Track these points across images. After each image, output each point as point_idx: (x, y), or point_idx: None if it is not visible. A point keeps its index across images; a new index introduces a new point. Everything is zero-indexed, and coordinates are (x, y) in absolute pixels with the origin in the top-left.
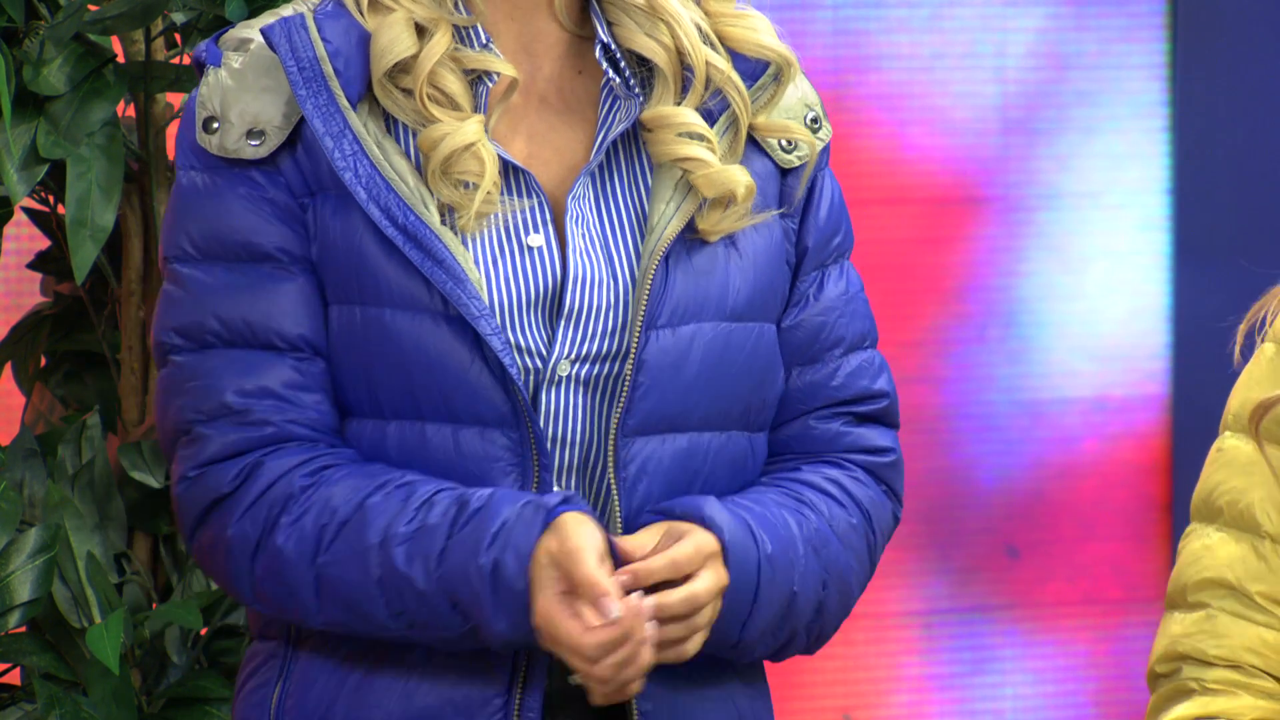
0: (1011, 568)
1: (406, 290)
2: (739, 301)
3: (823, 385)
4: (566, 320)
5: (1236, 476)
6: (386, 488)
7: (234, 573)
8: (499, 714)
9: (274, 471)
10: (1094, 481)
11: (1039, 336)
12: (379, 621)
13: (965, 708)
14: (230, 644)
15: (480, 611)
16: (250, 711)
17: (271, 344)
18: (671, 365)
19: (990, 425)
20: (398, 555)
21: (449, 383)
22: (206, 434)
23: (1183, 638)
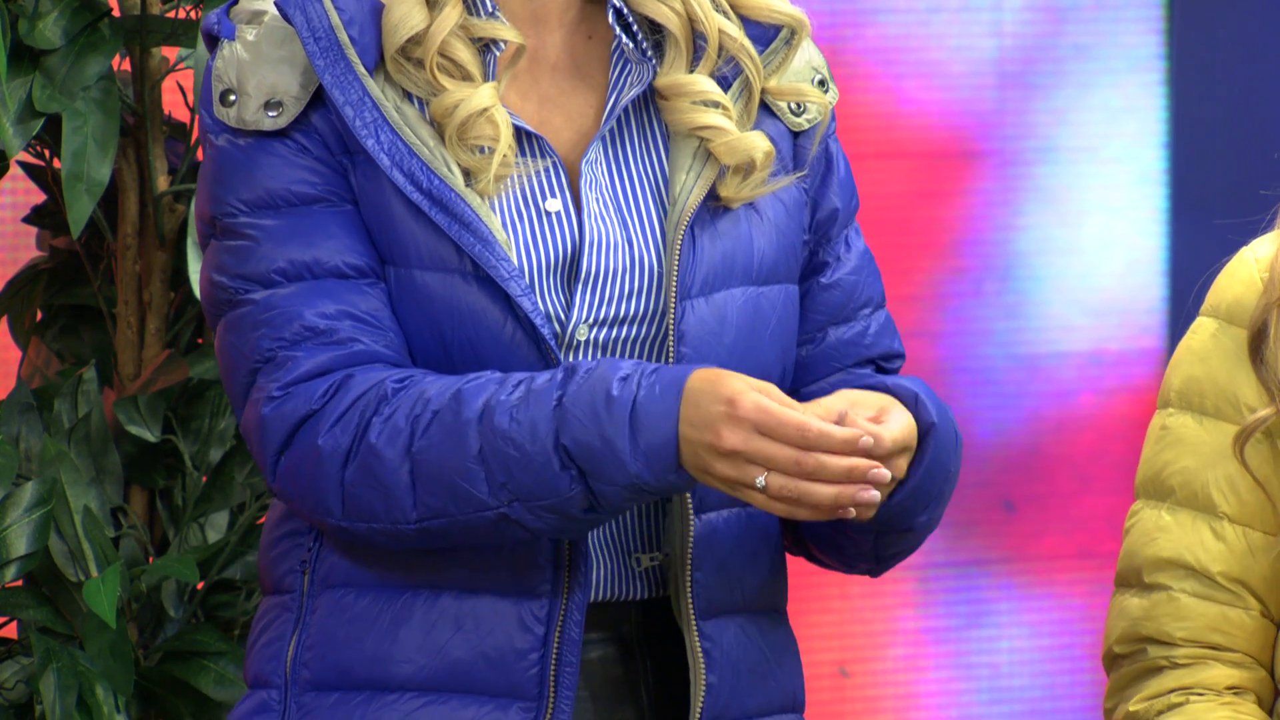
0: (1007, 521)
1: (436, 253)
2: (765, 265)
3: (856, 343)
4: (584, 284)
5: (1186, 456)
6: (480, 378)
7: (324, 487)
8: (534, 669)
9: (365, 382)
10: (1090, 435)
11: (1035, 290)
12: (479, 500)
13: (961, 661)
14: (227, 598)
15: (606, 459)
16: (264, 666)
17: (341, 273)
18: (711, 334)
19: (986, 379)
20: (500, 420)
21: (483, 343)
22: (293, 355)
23: (1144, 620)
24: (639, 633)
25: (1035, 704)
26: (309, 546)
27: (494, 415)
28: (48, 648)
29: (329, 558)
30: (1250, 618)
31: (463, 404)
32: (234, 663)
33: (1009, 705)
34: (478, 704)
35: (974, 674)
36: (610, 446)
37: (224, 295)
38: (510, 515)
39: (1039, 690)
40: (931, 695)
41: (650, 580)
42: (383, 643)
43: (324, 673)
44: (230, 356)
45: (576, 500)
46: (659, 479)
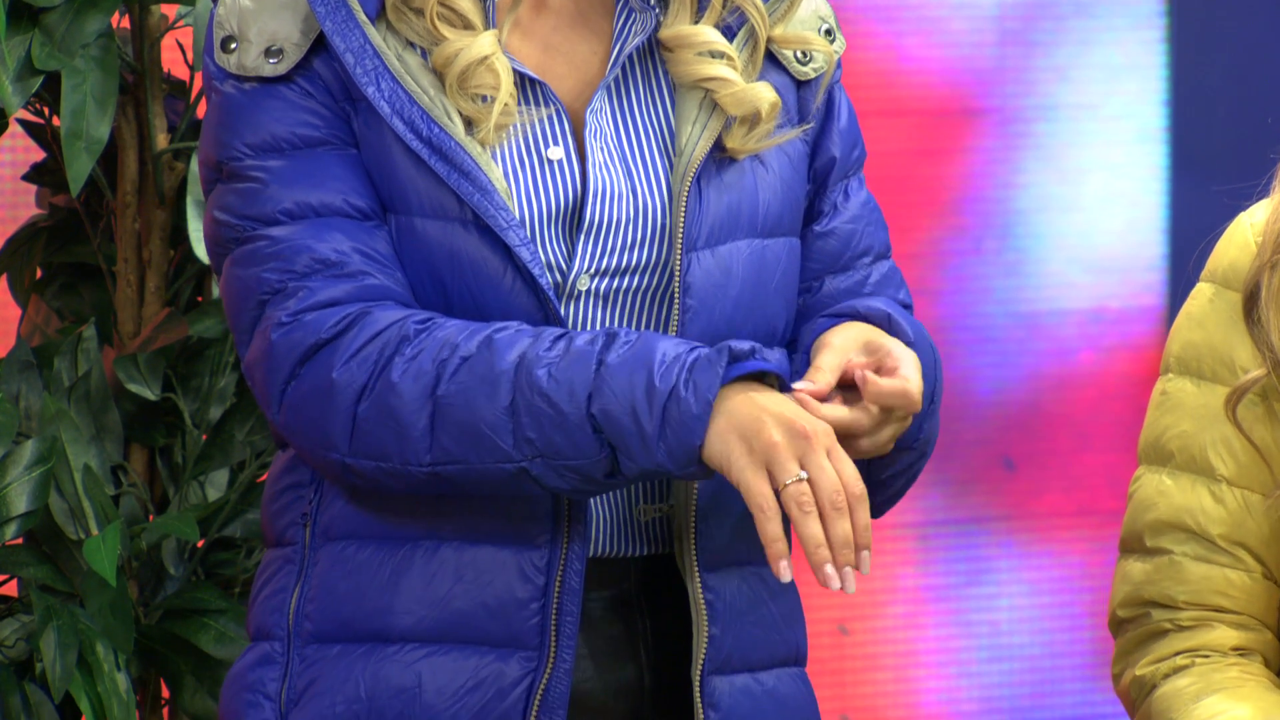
0: (1007, 479)
1: (436, 201)
2: (769, 217)
3: (854, 293)
4: (586, 234)
5: (1185, 420)
6: (508, 329)
7: (332, 420)
8: (534, 619)
9: (385, 319)
10: (1090, 393)
11: (1035, 248)
12: (502, 452)
13: (960, 619)
14: (227, 556)
15: (633, 440)
16: (267, 617)
17: (347, 213)
18: (716, 285)
19: (986, 337)
20: (539, 376)
21: (483, 292)
22: (305, 285)
23: (1146, 584)
24: (639, 590)
25: (1034, 661)
26: (310, 499)
27: (532, 369)
28: (48, 606)
29: (330, 510)
30: (1252, 579)
31: (496, 354)
32: (234, 620)
33: (1008, 663)
34: (479, 654)
35: (973, 632)
36: (639, 428)
37: (231, 233)
38: (530, 471)
39: (1038, 648)
40: (931, 653)
41: (651, 535)
42: (384, 594)
43: (326, 625)
44: (237, 291)
45: (601, 465)
46: (682, 470)
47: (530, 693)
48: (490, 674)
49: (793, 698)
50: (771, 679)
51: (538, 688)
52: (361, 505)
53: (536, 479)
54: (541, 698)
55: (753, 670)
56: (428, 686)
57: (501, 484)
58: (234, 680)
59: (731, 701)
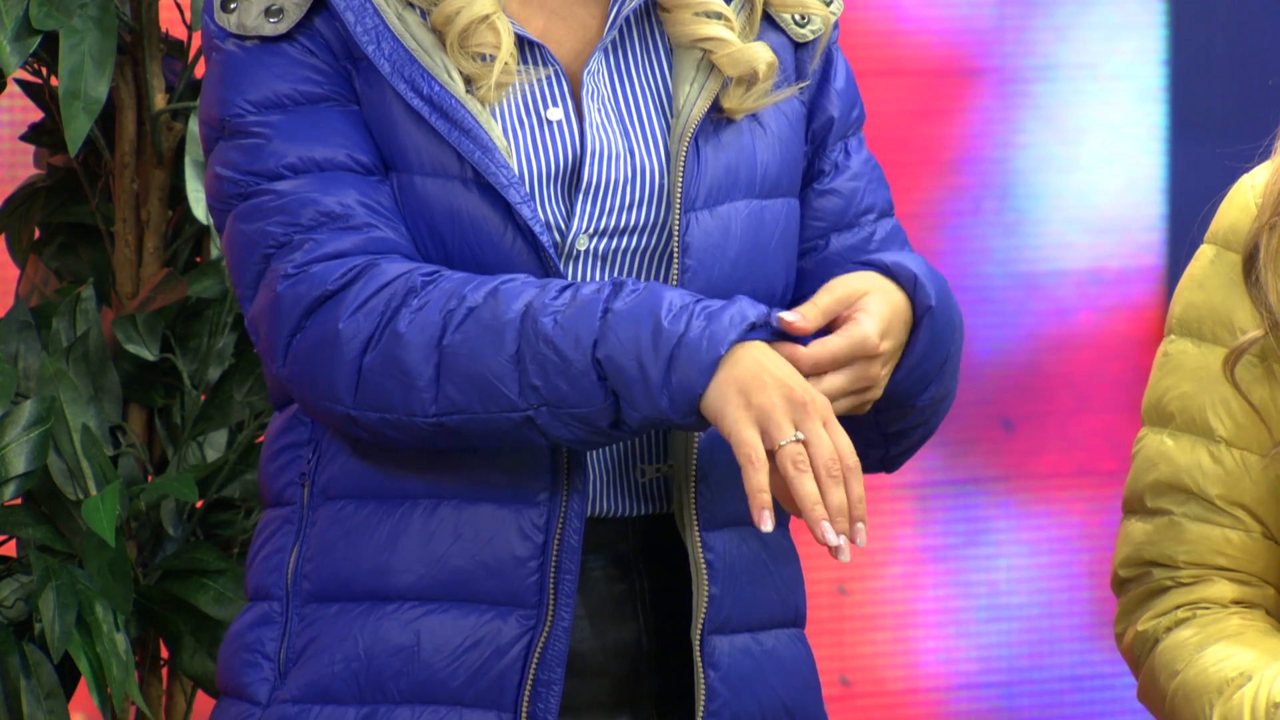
0: (1006, 440)
1: (436, 159)
2: (768, 177)
3: (860, 250)
4: (585, 194)
5: (1186, 381)
6: (515, 280)
7: (338, 372)
8: (533, 577)
9: (392, 271)
10: (1089, 354)
11: (1034, 209)
12: (508, 401)
13: (959, 579)
14: (226, 516)
15: (636, 385)
16: (265, 577)
17: (350, 167)
18: (715, 246)
19: (985, 298)
20: (545, 323)
21: (484, 250)
22: (311, 238)
23: (1147, 544)
24: (638, 550)
25: (1033, 622)
26: (308, 458)
27: (537, 317)
28: (47, 566)
29: (328, 469)
30: (1251, 539)
31: (501, 304)
32: (233, 581)
33: (1007, 623)
34: (478, 613)
35: (972, 592)
36: (644, 375)
37: (234, 189)
38: (536, 420)
39: (1037, 608)
40: (930, 614)
41: (651, 495)
42: (382, 553)
43: (324, 584)
44: (240, 245)
45: (606, 413)
46: (684, 419)
47: (529, 651)
48: (488, 632)
49: (792, 659)
50: (771, 639)
51: (536, 646)
52: (360, 464)
53: (542, 429)
54: (540, 656)
55: (752, 630)
56: (426, 645)
57: (507, 434)
58: (232, 640)
59: (731, 661)
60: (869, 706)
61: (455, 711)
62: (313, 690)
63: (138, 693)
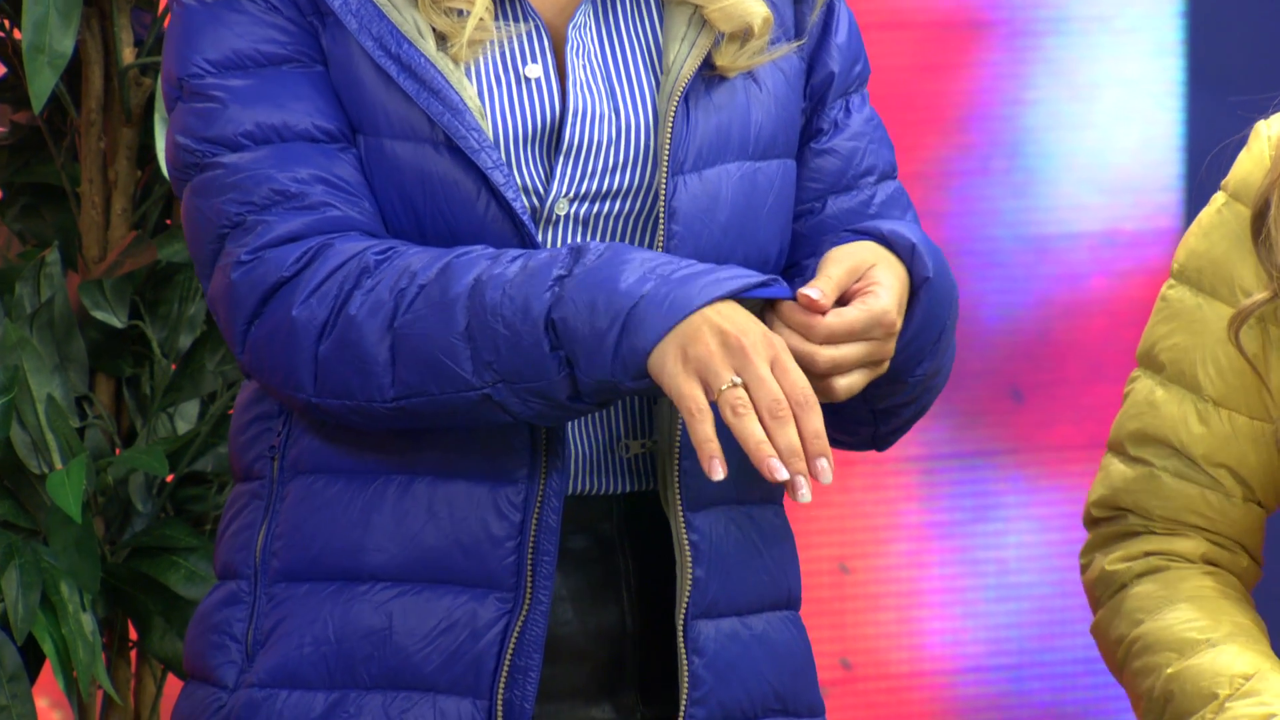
0: (1015, 410)
1: (406, 121)
2: (762, 138)
3: (859, 214)
4: (566, 156)
5: (1180, 332)
6: (471, 253)
7: (296, 360)
8: (510, 557)
9: (345, 252)
10: (1102, 320)
11: (1045, 168)
12: (463, 380)
13: (966, 556)
14: (197, 491)
15: (591, 345)
16: (233, 555)
17: (312, 137)
18: (704, 211)
19: (994, 262)
20: (492, 295)
21: (457, 217)
22: (264, 220)
23: (1124, 491)
24: (621, 529)
25: (1044, 601)
26: (278, 431)
27: (485, 289)
28: (10, 543)
29: (299, 442)
30: (1230, 503)
31: (451, 278)
32: (205, 559)
33: (1016, 603)
34: (453, 594)
35: (980, 570)
36: (598, 338)
37: (190, 159)
38: (494, 397)
39: (1048, 587)
40: (935, 592)
41: (634, 472)
42: (354, 531)
43: (294, 562)
44: (196, 222)
45: (563, 385)
46: (638, 382)
47: (505, 635)
48: (464, 615)
49: (784, 642)
50: (761, 623)
51: (513, 630)
52: (332, 438)
53: (501, 405)
54: (517, 640)
55: (740, 614)
56: (398, 627)
57: (468, 414)
58: (200, 620)
59: (717, 646)
60: (871, 690)
61: (428, 698)
62: (280, 674)
63: (105, 676)
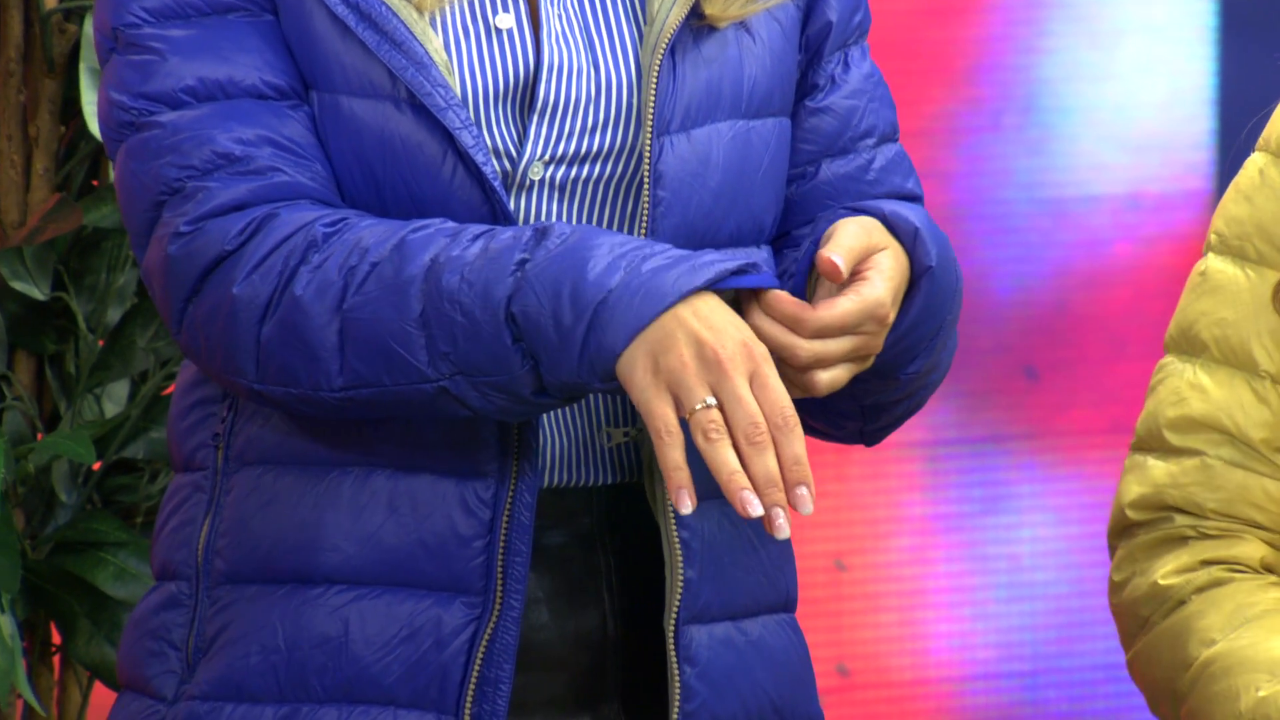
0: (1030, 391)
1: (365, 76)
2: (756, 95)
3: (856, 179)
4: (540, 115)
5: (1224, 307)
6: (429, 228)
7: (238, 343)
8: (479, 558)
9: (292, 223)
10: (1125, 291)
11: (1063, 124)
12: (417, 371)
13: (975, 552)
14: (127, 480)
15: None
16: (172, 553)
17: (260, 93)
18: (692, 175)
19: (1006, 227)
20: (449, 280)
21: (420, 182)
22: (205, 186)
23: (1170, 487)
24: (602, 525)
25: (1061, 601)
26: (223, 417)
27: (442, 272)
28: None
29: (245, 430)
30: None
31: (406, 257)
32: (135, 555)
33: (1031, 602)
34: (415, 598)
35: (990, 567)
36: (562, 336)
37: (125, 117)
38: (451, 390)
39: (1065, 585)
40: (941, 591)
41: (616, 463)
42: (306, 528)
43: (240, 562)
44: (131, 187)
45: (526, 380)
46: (607, 384)
47: (474, 643)
48: (427, 621)
49: (781, 649)
50: (757, 628)
51: (482, 637)
52: (282, 425)
53: (459, 399)
54: (486, 649)
55: (735, 618)
56: (355, 635)
57: (424, 407)
58: (135, 625)
59: (711, 655)
60: (870, 700)
61: (388, 712)
62: (225, 685)
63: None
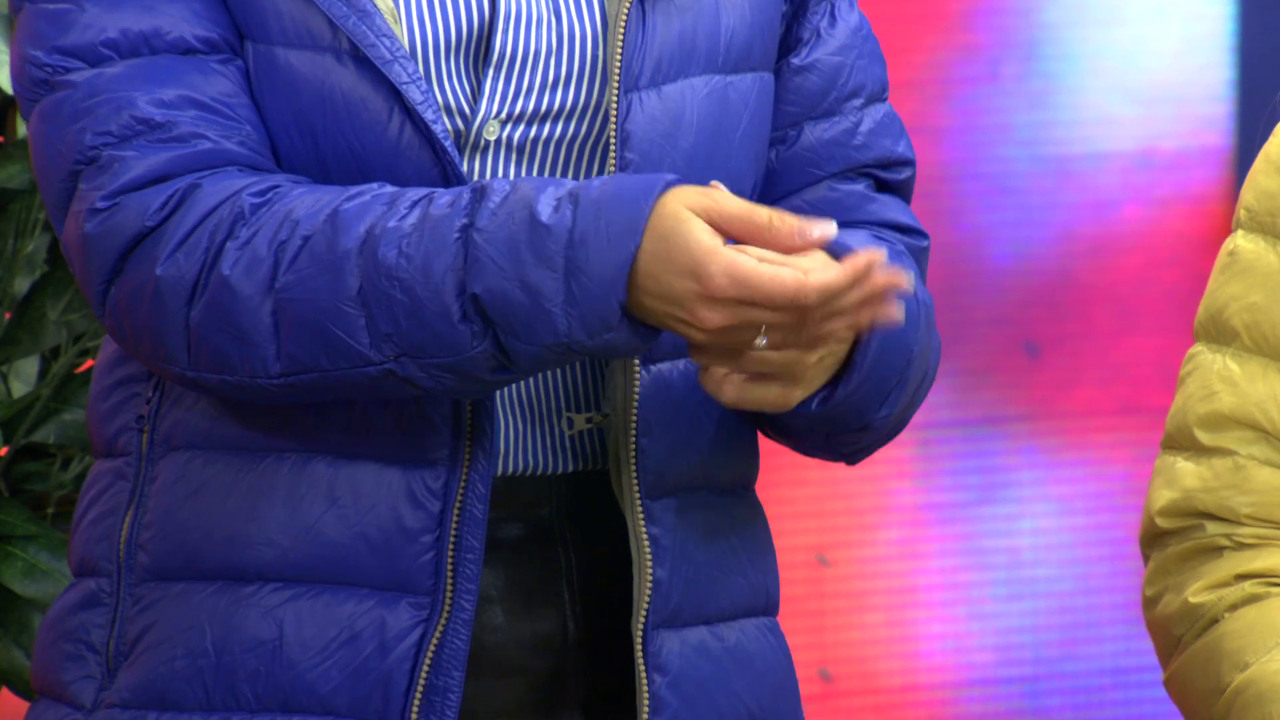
0: (1030, 368)
1: (303, 26)
2: (734, 47)
3: (842, 144)
4: (496, 69)
5: (1256, 290)
6: (364, 195)
7: (165, 328)
8: (427, 554)
9: (216, 194)
10: (1136, 258)
11: (1067, 74)
12: (358, 354)
13: (971, 545)
14: (38, 468)
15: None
16: (92, 547)
17: (187, 48)
18: (663, 135)
19: (1005, 187)
20: (387, 253)
21: (364, 143)
22: (122, 155)
23: (1201, 492)
24: (562, 517)
25: (1065, 599)
26: (148, 397)
27: (379, 245)
28: None
29: (173, 412)
30: None
31: (340, 229)
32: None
33: (1032, 600)
34: (356, 598)
35: (987, 562)
36: (534, 296)
37: (39, 74)
38: (398, 373)
39: (1070, 582)
40: (933, 589)
41: (579, 449)
42: (238, 520)
43: (166, 557)
44: (46, 154)
45: (482, 360)
46: (596, 339)
47: (420, 648)
48: (370, 624)
49: (761, 655)
50: (734, 633)
51: (430, 642)
52: (212, 407)
53: (408, 380)
54: (435, 654)
55: (710, 622)
56: (291, 638)
57: (371, 391)
58: (51, 626)
59: (683, 663)
60: (856, 708)
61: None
62: (148, 692)
63: None
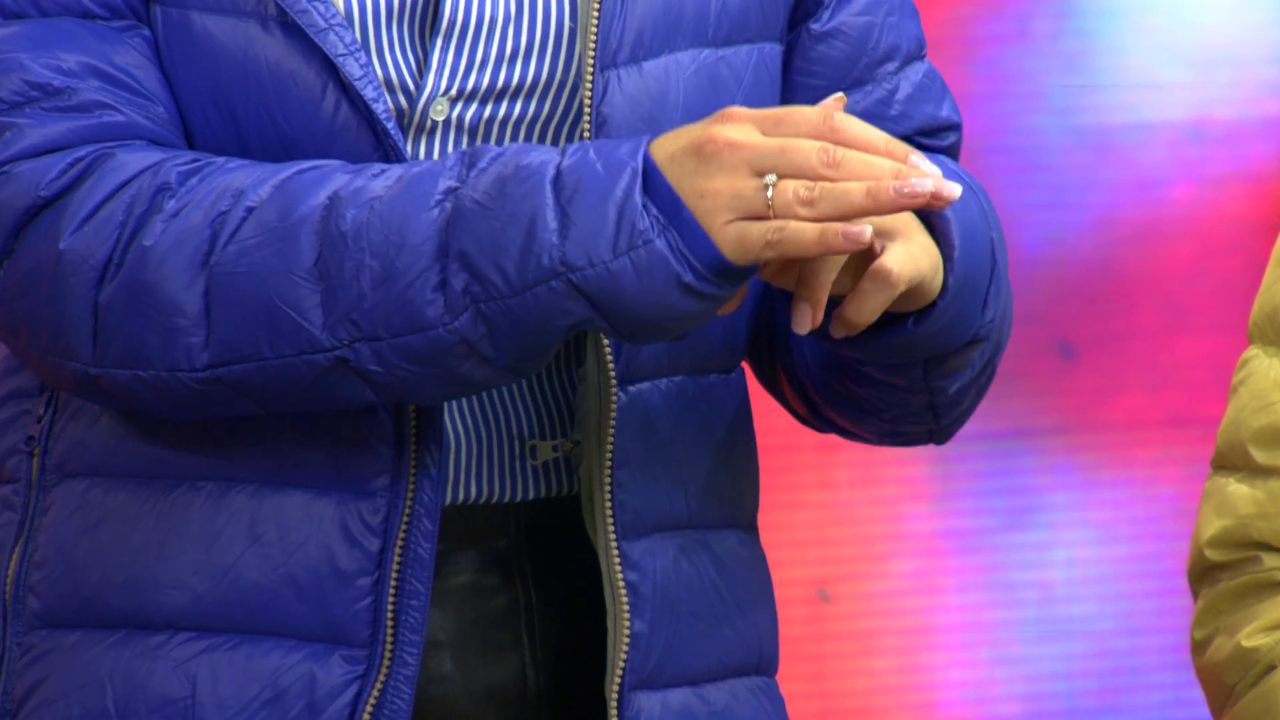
0: (1066, 373)
1: None
2: (727, 16)
3: (878, 116)
4: (445, 38)
5: None
6: (321, 167)
7: (67, 313)
8: (364, 600)
9: (134, 164)
10: (1187, 246)
11: (1107, 33)
12: (308, 336)
13: (996, 579)
14: None
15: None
16: None
17: (86, 10)
18: (645, 117)
19: (1036, 163)
20: (355, 214)
21: (292, 121)
22: (14, 122)
23: (1257, 519)
24: (520, 550)
25: (1105, 641)
26: (40, 415)
27: (346, 208)
28: None
29: (69, 431)
30: None
31: (296, 196)
32: None
33: (1067, 642)
34: (281, 650)
35: (1015, 598)
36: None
37: None
38: (351, 361)
39: (1111, 620)
40: (953, 629)
41: (543, 474)
42: (145, 559)
43: (60, 601)
44: None
45: (451, 343)
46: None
47: (357, 707)
48: (297, 679)
49: None
50: (723, 695)
51: (367, 700)
52: (115, 427)
53: (360, 372)
54: (373, 714)
55: (695, 683)
56: (205, 696)
57: (312, 389)
58: None
59: None
60: None
61: None
62: None
63: None
